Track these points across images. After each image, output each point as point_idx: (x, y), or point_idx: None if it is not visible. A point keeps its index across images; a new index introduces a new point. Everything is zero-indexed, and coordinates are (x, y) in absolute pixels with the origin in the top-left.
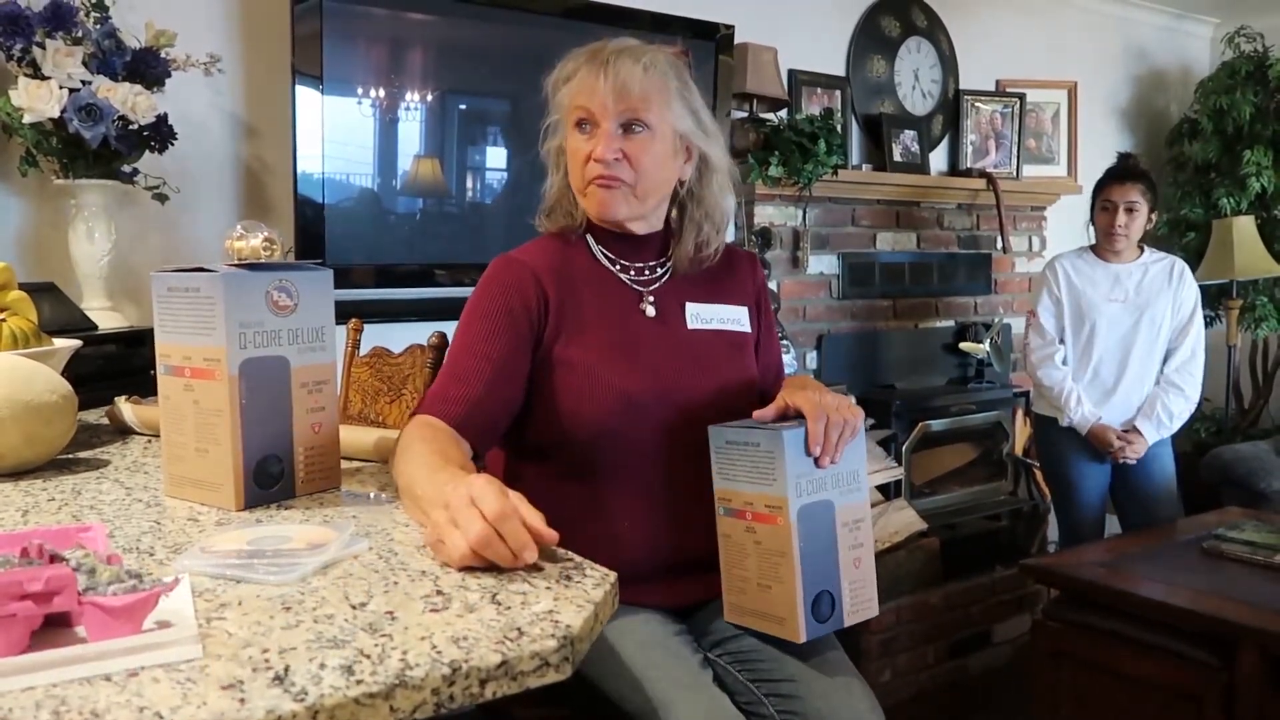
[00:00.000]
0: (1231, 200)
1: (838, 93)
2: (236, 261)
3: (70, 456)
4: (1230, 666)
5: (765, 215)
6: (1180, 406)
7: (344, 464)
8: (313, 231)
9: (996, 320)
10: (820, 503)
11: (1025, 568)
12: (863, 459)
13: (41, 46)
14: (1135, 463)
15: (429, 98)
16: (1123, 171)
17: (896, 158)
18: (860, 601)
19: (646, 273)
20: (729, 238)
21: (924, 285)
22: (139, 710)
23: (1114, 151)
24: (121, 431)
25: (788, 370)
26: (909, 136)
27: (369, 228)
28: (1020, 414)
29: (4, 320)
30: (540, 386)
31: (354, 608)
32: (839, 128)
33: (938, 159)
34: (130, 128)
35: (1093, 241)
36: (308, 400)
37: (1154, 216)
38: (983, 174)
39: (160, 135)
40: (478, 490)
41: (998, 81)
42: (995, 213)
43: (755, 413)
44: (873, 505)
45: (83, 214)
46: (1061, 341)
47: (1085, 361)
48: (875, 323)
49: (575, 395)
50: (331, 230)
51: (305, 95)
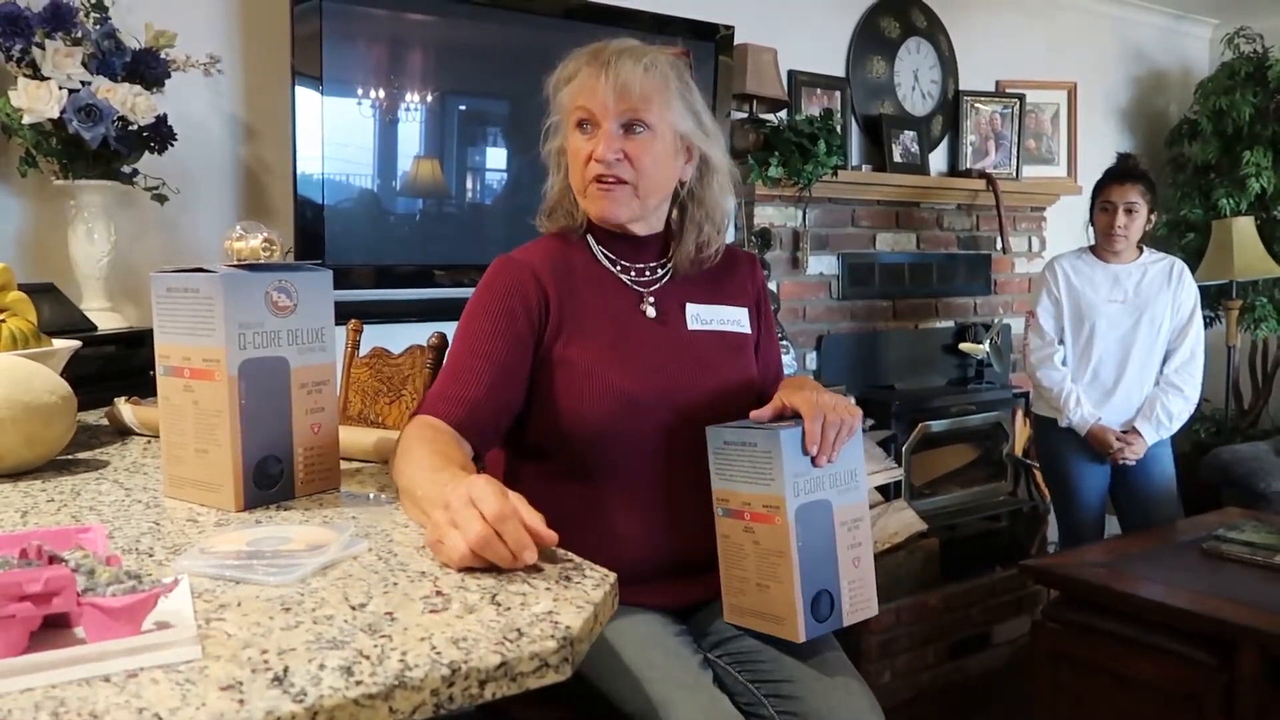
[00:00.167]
0: (1231, 201)
1: (837, 93)
2: (236, 262)
3: (69, 457)
4: (1230, 667)
5: (765, 216)
6: (1180, 407)
7: (343, 465)
8: (312, 232)
9: (996, 321)
10: (818, 502)
11: (1025, 568)
12: (860, 458)
13: (41, 47)
14: (1135, 463)
15: (429, 98)
16: (1122, 172)
17: (896, 158)
18: (859, 601)
19: (647, 273)
20: (728, 239)
21: (924, 286)
22: (138, 711)
23: (1113, 152)
24: (121, 432)
25: (787, 371)
26: (909, 137)
27: (369, 228)
28: (1020, 415)
29: (3, 321)
30: (540, 387)
31: (353, 608)
32: (839, 128)
33: (937, 160)
34: (130, 128)
35: (1092, 242)
36: (307, 401)
37: (1153, 217)
38: (982, 175)
39: (160, 136)
40: (477, 491)
41: (997, 82)
42: (995, 213)
43: (752, 413)
44: (872, 506)
45: (82, 215)
46: (1061, 342)
47: (1085, 362)
48: (875, 323)
49: (575, 396)
50: (331, 231)
51: (305, 96)
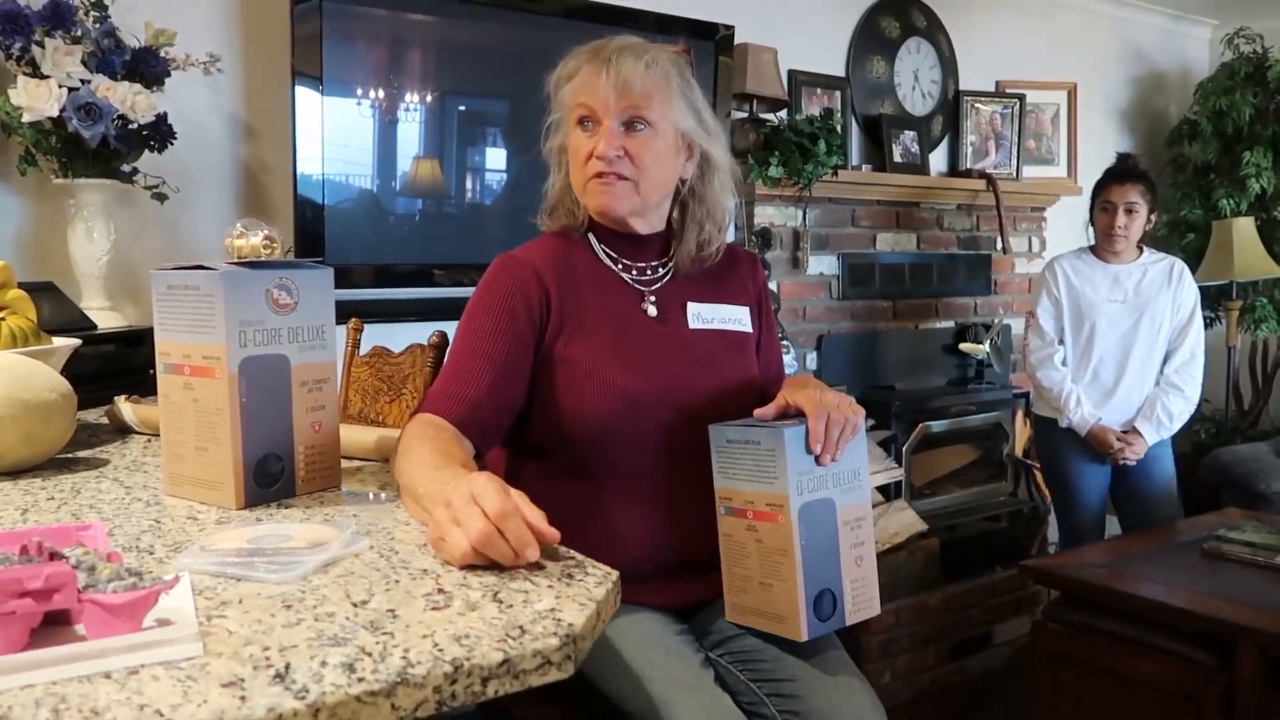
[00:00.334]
0: (1231, 201)
1: (837, 93)
2: (236, 259)
3: (69, 455)
4: (1230, 667)
5: (765, 216)
6: (1180, 407)
7: (344, 463)
8: (312, 232)
9: (996, 321)
10: (821, 501)
11: (1025, 569)
12: (864, 457)
13: (40, 45)
14: (1135, 464)
15: (429, 98)
16: (1122, 172)
17: (896, 158)
18: (862, 600)
19: (648, 272)
20: (729, 238)
21: (924, 286)
22: (139, 708)
23: (1113, 152)
24: (121, 431)
25: (787, 371)
26: (909, 137)
27: (368, 228)
28: (1020, 415)
29: (3, 319)
30: (541, 386)
31: (355, 606)
32: (839, 128)
33: (937, 160)
34: (129, 127)
35: (1092, 242)
36: (308, 399)
37: (1153, 217)
38: (982, 175)
39: (159, 135)
40: (479, 488)
41: (997, 82)
42: (995, 213)
43: (756, 411)
44: (873, 506)
45: (82, 213)
46: (1061, 342)
47: (1085, 362)
48: (875, 323)
49: (576, 394)
50: (331, 231)
51: (305, 96)
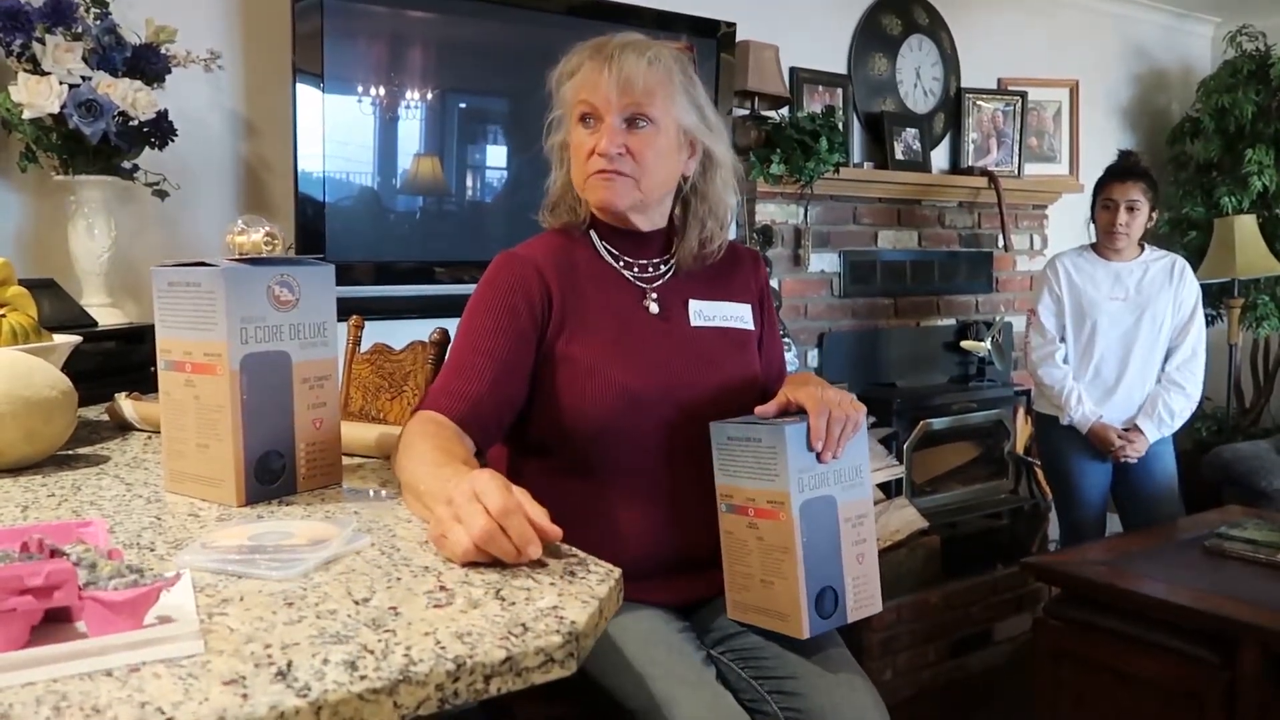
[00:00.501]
0: (1233, 199)
1: (839, 90)
2: (237, 256)
3: (70, 452)
4: (1232, 665)
5: (767, 213)
6: (1181, 405)
7: (345, 460)
8: (313, 229)
9: (998, 319)
10: (823, 498)
11: (1026, 566)
12: (865, 454)
13: (41, 42)
14: (1136, 461)
15: (429, 96)
16: (1124, 170)
17: (898, 156)
18: (863, 598)
19: (650, 269)
20: (730, 236)
21: (925, 283)
22: (140, 706)
23: (1115, 150)
24: (122, 428)
25: (789, 368)
26: (910, 134)
27: (369, 226)
28: (1021, 412)
29: (4, 316)
30: (543, 383)
31: (357, 603)
32: (840, 125)
33: (939, 157)
34: (130, 124)
35: (1093, 240)
36: (309, 396)
37: (1155, 215)
38: (984, 172)
39: (160, 131)
40: (481, 485)
41: (999, 80)
42: (996, 211)
43: (757, 408)
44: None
45: (82, 210)
46: (1062, 340)
47: (1086, 360)
48: (876, 321)
49: (578, 392)
50: (332, 228)
51: (306, 93)
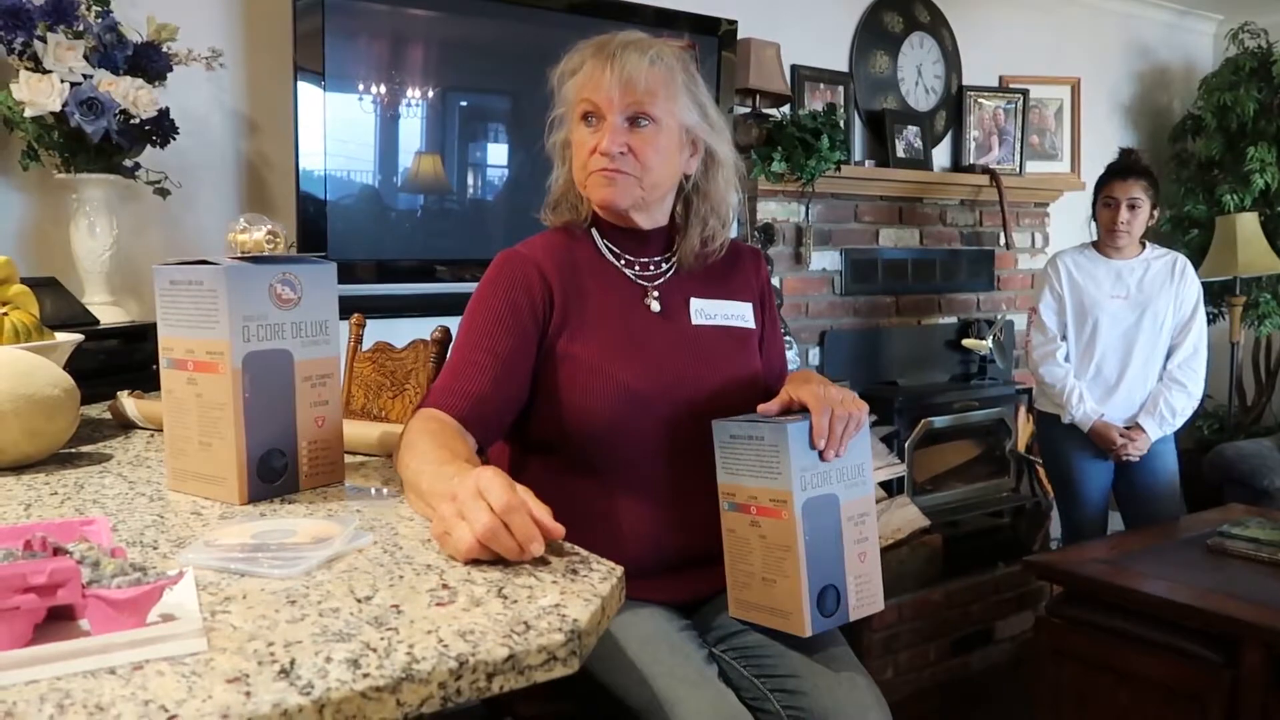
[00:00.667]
0: (1235, 197)
1: (840, 88)
2: (239, 255)
3: (72, 451)
4: (1234, 664)
5: (768, 211)
6: (1183, 403)
7: (347, 458)
8: (315, 227)
9: (999, 317)
10: (825, 496)
11: (1028, 564)
12: (868, 453)
13: (43, 40)
14: (1138, 460)
15: (430, 94)
16: (1125, 167)
17: (899, 154)
18: (865, 596)
19: (651, 268)
20: (731, 234)
21: (926, 282)
22: (144, 704)
23: (1117, 148)
24: (124, 426)
25: (790, 367)
26: (912, 132)
27: (370, 224)
28: (1023, 411)
29: (6, 314)
30: (545, 381)
31: (359, 601)
32: (842, 123)
33: (940, 155)
34: (132, 122)
35: (1095, 238)
36: (311, 394)
37: (1156, 213)
38: (985, 170)
39: (162, 130)
40: (485, 482)
41: (1001, 77)
42: (998, 209)
43: (759, 406)
44: (876, 501)
45: (84, 208)
46: (1064, 338)
47: (1087, 358)
48: (878, 319)
49: (580, 390)
50: (333, 226)
51: (307, 91)
